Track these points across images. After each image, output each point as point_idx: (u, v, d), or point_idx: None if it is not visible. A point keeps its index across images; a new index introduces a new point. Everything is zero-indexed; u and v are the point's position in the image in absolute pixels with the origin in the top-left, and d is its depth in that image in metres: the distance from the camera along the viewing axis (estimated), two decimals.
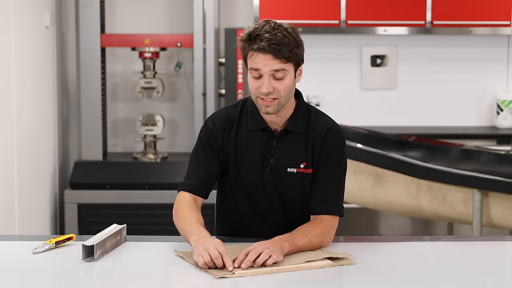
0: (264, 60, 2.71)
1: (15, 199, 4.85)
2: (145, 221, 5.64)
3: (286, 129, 2.84)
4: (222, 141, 2.87)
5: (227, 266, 2.52)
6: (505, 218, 4.48)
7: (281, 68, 2.72)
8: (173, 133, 6.34)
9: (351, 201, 4.97)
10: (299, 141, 2.84)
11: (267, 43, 2.69)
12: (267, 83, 2.73)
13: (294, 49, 2.74)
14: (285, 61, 2.72)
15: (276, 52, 2.70)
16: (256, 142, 2.86)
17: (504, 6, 6.02)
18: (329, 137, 2.84)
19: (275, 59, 2.71)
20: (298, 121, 2.85)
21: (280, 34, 2.71)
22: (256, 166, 2.85)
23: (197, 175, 2.87)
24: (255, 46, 2.71)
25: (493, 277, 2.59)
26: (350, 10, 5.98)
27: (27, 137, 5.11)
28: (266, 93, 2.73)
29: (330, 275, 2.56)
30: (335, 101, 6.31)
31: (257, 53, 2.71)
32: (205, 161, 2.87)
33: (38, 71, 5.40)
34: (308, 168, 2.84)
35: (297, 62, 2.78)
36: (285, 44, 2.71)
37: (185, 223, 2.74)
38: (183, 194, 2.86)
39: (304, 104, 2.89)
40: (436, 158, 5.16)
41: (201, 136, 2.90)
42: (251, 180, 2.87)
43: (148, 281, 2.49)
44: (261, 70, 2.72)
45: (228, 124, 2.88)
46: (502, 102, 6.23)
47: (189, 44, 5.90)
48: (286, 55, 2.71)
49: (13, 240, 3.01)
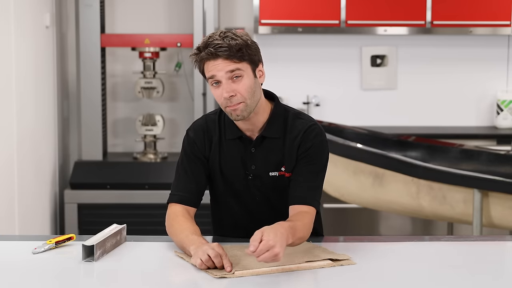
0: (216, 65, 2.71)
1: (15, 199, 4.85)
2: (145, 221, 5.63)
3: (262, 135, 2.84)
4: (204, 149, 2.87)
5: (225, 267, 2.52)
6: (505, 218, 4.48)
7: (235, 68, 2.71)
8: (173, 133, 6.34)
9: (351, 201, 4.97)
10: (277, 145, 2.83)
11: (214, 48, 2.70)
12: (226, 87, 2.72)
13: (244, 48, 2.72)
14: (237, 60, 2.71)
15: (225, 54, 2.70)
16: (235, 150, 2.86)
17: (504, 6, 6.02)
18: (304, 138, 2.82)
19: (226, 60, 2.70)
20: (274, 126, 2.84)
21: (228, 38, 2.72)
22: (240, 173, 2.86)
23: (186, 185, 2.87)
24: (205, 55, 2.72)
25: (493, 277, 2.59)
26: (350, 10, 5.98)
27: (27, 137, 5.11)
28: (228, 97, 2.72)
29: (330, 275, 2.56)
30: (335, 101, 6.30)
31: (209, 61, 2.72)
32: (191, 170, 2.87)
33: (38, 71, 5.40)
34: (289, 172, 2.84)
35: (253, 61, 2.76)
36: (233, 46, 2.70)
37: (182, 233, 2.72)
38: (174, 206, 2.85)
39: (281, 107, 2.87)
40: (436, 158, 5.16)
41: (184, 145, 2.90)
42: (237, 186, 2.87)
43: (148, 281, 2.49)
44: (217, 76, 2.72)
45: (207, 133, 2.88)
46: (502, 102, 6.23)
47: (189, 44, 5.90)
48: (236, 54, 2.71)
49: (13, 240, 3.00)
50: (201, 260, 2.53)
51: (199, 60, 2.75)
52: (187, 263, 2.62)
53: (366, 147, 4.86)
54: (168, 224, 2.82)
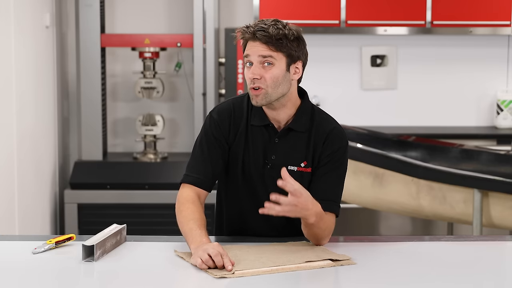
0: (253, 47, 2.77)
1: (15, 199, 4.85)
2: (145, 221, 5.64)
3: (288, 127, 2.85)
4: (227, 133, 2.87)
5: (226, 266, 2.52)
6: (505, 218, 4.48)
7: (269, 54, 2.76)
8: (173, 133, 6.34)
9: (351, 201, 4.97)
10: (301, 139, 2.84)
11: (257, 30, 2.76)
12: (255, 69, 2.77)
13: (285, 40, 2.77)
14: (273, 48, 2.76)
15: (264, 39, 2.75)
16: (259, 138, 2.86)
17: (504, 6, 6.02)
18: (331, 139, 2.84)
19: (263, 44, 2.76)
20: (301, 120, 2.85)
21: (275, 27, 2.77)
22: (259, 161, 2.86)
23: (201, 167, 2.85)
24: (247, 35, 2.78)
25: (493, 277, 2.59)
26: (350, 10, 5.98)
27: (27, 137, 5.11)
28: (252, 78, 2.76)
29: (330, 275, 2.56)
30: (335, 101, 6.31)
31: (249, 41, 2.79)
32: (209, 153, 2.86)
33: (38, 71, 5.40)
34: (308, 167, 2.84)
35: (290, 55, 2.80)
36: (274, 34, 2.76)
37: (187, 225, 2.73)
38: (187, 188, 2.85)
39: (309, 104, 2.91)
40: (436, 158, 5.16)
41: (205, 127, 2.89)
42: (253, 175, 2.87)
43: (148, 281, 2.49)
44: (251, 57, 2.78)
45: (234, 118, 2.88)
46: (502, 102, 6.23)
47: (189, 44, 5.90)
48: (274, 43, 2.75)
49: (13, 240, 3.00)
50: (201, 259, 2.53)
51: (243, 38, 2.81)
52: (187, 263, 2.62)
53: (366, 147, 4.86)
54: (177, 208, 2.82)
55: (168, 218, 3.01)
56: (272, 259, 2.62)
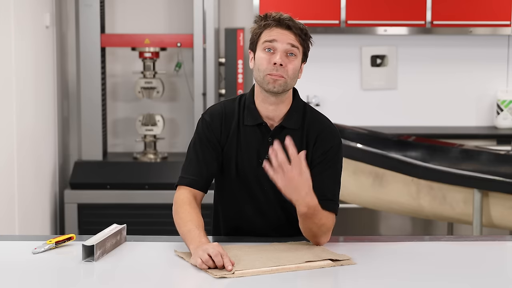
0: (283, 34, 2.76)
1: (15, 199, 4.85)
2: (145, 221, 5.64)
3: (281, 125, 2.85)
4: (220, 135, 2.87)
5: (226, 266, 2.52)
6: (505, 218, 4.48)
7: (296, 45, 2.77)
8: (173, 133, 6.34)
9: (351, 201, 4.97)
10: (294, 137, 2.83)
11: (288, 20, 2.76)
12: (281, 56, 2.75)
13: (307, 38, 2.80)
14: (300, 41, 2.78)
15: (294, 29, 2.76)
16: (252, 138, 2.86)
17: (504, 6, 6.02)
18: (322, 139, 2.84)
19: (293, 34, 2.76)
20: (293, 117, 2.85)
21: (299, 23, 2.79)
22: (252, 161, 2.86)
23: (196, 169, 2.85)
24: (273, 22, 2.77)
25: (493, 277, 2.59)
26: (350, 10, 5.98)
27: (27, 137, 5.11)
28: (277, 64, 2.74)
29: (330, 275, 2.56)
30: (335, 101, 6.31)
31: (275, 27, 2.77)
32: (203, 154, 2.86)
33: (38, 71, 5.40)
34: None
35: (305, 54, 2.82)
36: (302, 29, 2.79)
37: (185, 226, 2.73)
38: (183, 190, 2.85)
39: (301, 102, 2.90)
40: (436, 158, 5.16)
41: (198, 129, 2.89)
42: (248, 175, 2.86)
43: (148, 281, 2.49)
44: (277, 42, 2.76)
45: (226, 119, 2.87)
46: (502, 102, 6.23)
47: (189, 44, 5.90)
48: (302, 37, 2.77)
49: (13, 240, 3.00)
50: (201, 259, 2.53)
51: (263, 25, 2.78)
52: (187, 263, 2.62)
53: (366, 147, 4.86)
54: (175, 210, 2.81)
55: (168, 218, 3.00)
56: (272, 259, 2.62)
